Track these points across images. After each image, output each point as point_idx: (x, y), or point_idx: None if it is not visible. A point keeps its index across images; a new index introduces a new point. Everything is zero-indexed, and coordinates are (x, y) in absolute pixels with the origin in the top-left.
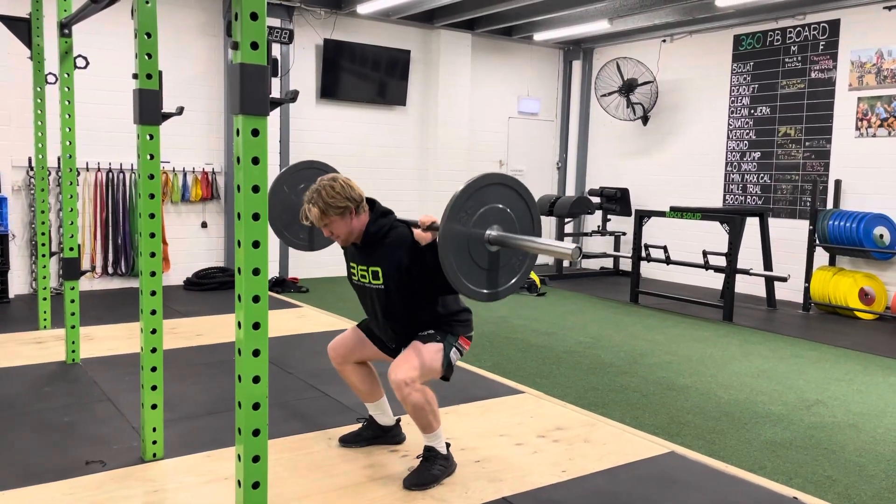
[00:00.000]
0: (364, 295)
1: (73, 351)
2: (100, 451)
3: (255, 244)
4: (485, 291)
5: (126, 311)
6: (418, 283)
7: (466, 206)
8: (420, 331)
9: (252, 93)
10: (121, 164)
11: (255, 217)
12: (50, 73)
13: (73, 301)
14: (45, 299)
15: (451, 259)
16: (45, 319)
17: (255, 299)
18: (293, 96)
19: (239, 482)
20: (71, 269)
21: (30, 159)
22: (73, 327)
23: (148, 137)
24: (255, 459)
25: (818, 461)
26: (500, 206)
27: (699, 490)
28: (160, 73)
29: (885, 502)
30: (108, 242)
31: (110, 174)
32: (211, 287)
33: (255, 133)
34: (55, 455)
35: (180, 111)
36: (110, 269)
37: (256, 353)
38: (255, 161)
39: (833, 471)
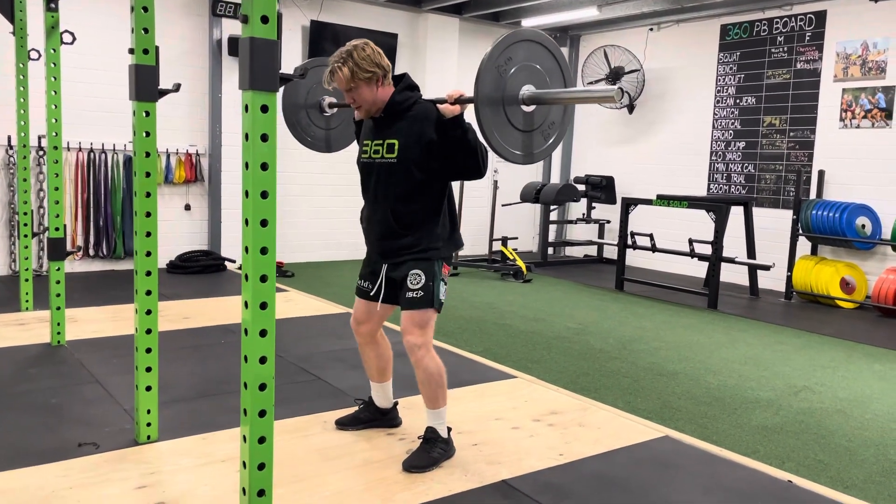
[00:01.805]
0: (370, 175)
1: (59, 333)
2: (91, 434)
3: (264, 223)
4: (519, 153)
5: (109, 294)
6: (437, 160)
7: (499, 63)
8: (406, 249)
9: (262, 68)
10: (102, 145)
11: (264, 195)
12: (33, 49)
13: (58, 282)
14: (26, 280)
15: (489, 120)
16: (27, 301)
17: (263, 279)
18: (303, 73)
19: (244, 463)
20: (57, 250)
21: (9, 138)
22: (58, 308)
23: (144, 114)
24: (261, 440)
25: (809, 446)
26: (531, 63)
27: (695, 474)
28: (157, 48)
29: (877, 486)
30: (89, 224)
31: (92, 154)
32: (195, 270)
33: (265, 109)
34: (45, 437)
35: (177, 88)
36: (91, 251)
37: (263, 333)
38: (265, 138)
39: (824, 455)
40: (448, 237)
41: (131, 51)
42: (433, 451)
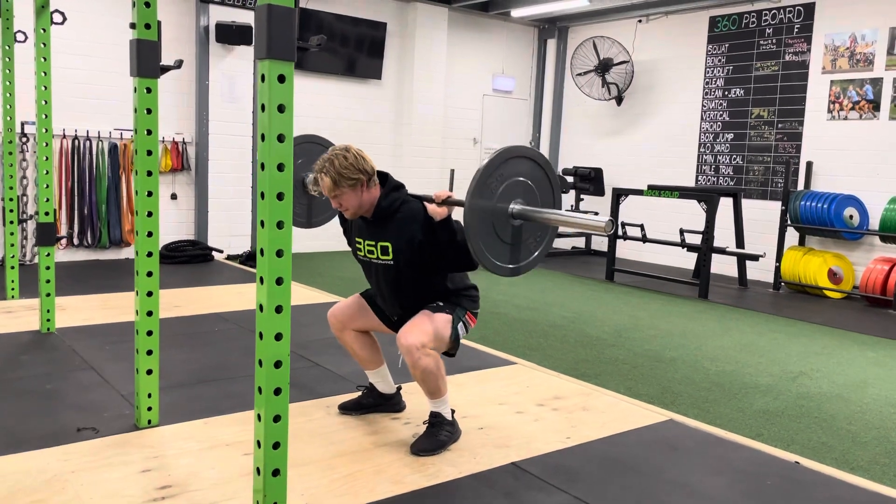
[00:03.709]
0: (370, 271)
1: (48, 320)
2: (90, 419)
3: (280, 196)
4: (509, 266)
5: (96, 283)
6: (429, 258)
7: (491, 180)
8: (428, 303)
9: (279, 36)
10: (87, 132)
11: (280, 168)
12: (19, 31)
13: (48, 268)
14: (12, 268)
15: (476, 233)
16: (12, 289)
17: (279, 254)
18: (319, 43)
19: (259, 442)
20: (46, 235)
21: None
22: (48, 295)
23: (145, 91)
24: (276, 419)
25: (812, 429)
26: (523, 178)
27: (703, 455)
28: (159, 23)
29: (882, 467)
30: (73, 213)
31: (76, 141)
32: (182, 260)
33: (282, 79)
34: (43, 422)
35: (179, 64)
36: (76, 241)
37: (279, 309)
38: (281, 109)
39: (827, 438)
40: (467, 301)
41: (132, 25)
42: (440, 433)
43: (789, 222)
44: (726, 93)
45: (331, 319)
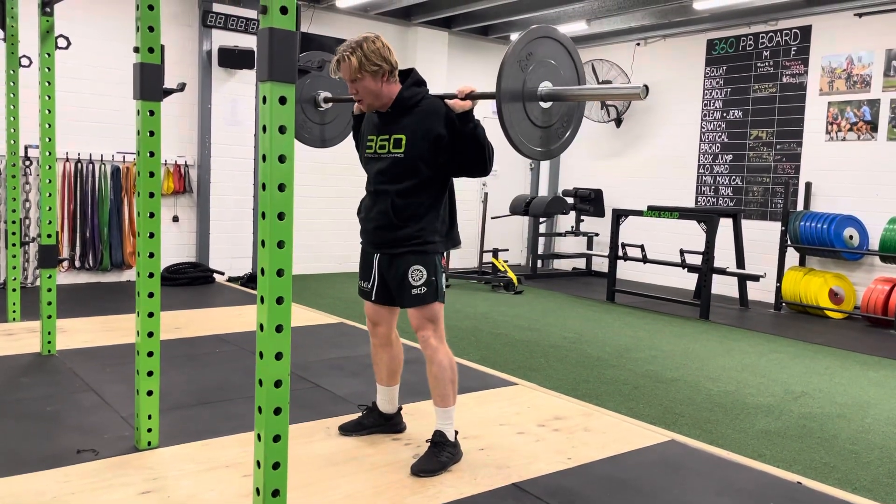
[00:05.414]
0: (373, 168)
1: (49, 342)
2: (90, 441)
3: (281, 216)
4: (539, 149)
5: (97, 305)
6: (443, 154)
7: (521, 57)
8: (404, 241)
9: (281, 59)
10: (90, 155)
11: (281, 188)
12: (24, 56)
13: (49, 290)
14: (14, 290)
15: (509, 115)
16: (14, 311)
17: (280, 273)
18: (321, 65)
19: (259, 462)
20: (48, 257)
21: None
22: (49, 317)
23: (149, 114)
24: (276, 439)
25: (814, 449)
26: (548, 60)
27: (705, 476)
28: (162, 47)
29: (885, 487)
30: (75, 235)
31: (79, 165)
32: (183, 282)
33: (283, 101)
34: (43, 444)
35: (182, 87)
36: (77, 263)
37: (279, 328)
38: (282, 130)
39: (830, 458)
40: (446, 233)
41: (136, 49)
42: (441, 454)
43: (789, 243)
44: (725, 114)
45: (371, 328)
